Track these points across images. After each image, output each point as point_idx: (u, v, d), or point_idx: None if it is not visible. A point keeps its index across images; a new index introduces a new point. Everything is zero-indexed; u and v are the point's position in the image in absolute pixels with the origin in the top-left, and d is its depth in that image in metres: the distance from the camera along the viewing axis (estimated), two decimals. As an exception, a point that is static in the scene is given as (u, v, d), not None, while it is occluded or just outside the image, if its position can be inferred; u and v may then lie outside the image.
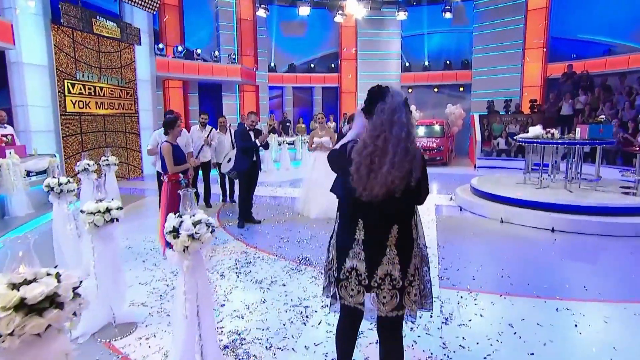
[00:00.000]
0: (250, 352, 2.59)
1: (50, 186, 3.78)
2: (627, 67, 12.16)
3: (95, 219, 2.68)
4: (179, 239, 2.01)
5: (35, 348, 1.25)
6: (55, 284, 1.28)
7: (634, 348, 2.59)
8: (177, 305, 2.16)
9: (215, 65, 13.39)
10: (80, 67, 9.02)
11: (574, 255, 4.48)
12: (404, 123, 1.69)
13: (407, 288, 1.78)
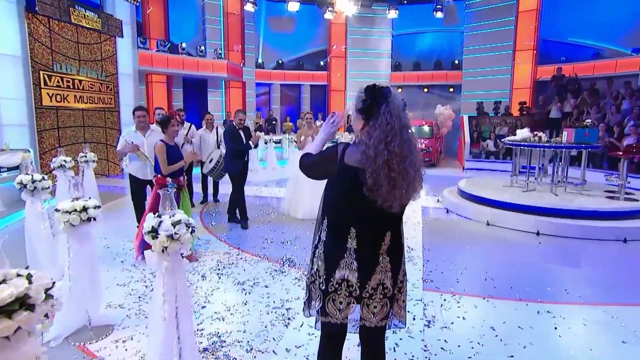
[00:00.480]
0: (231, 355, 2.61)
1: (23, 183, 3.71)
2: (614, 71, 12.51)
3: (71, 218, 2.66)
4: (158, 239, 2.02)
5: (4, 351, 1.25)
6: (25, 285, 1.28)
7: (610, 349, 2.69)
8: (156, 307, 2.17)
9: (200, 60, 13.31)
10: (58, 59, 8.85)
11: (557, 259, 4.61)
12: (410, 125, 1.68)
13: (396, 295, 1.78)
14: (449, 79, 17.29)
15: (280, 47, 17.71)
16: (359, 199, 1.62)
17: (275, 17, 17.29)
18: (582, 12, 13.80)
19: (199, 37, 14.85)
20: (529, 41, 14.61)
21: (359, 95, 1.70)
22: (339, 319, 1.73)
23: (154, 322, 2.22)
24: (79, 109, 9.53)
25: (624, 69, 12.33)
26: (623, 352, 2.66)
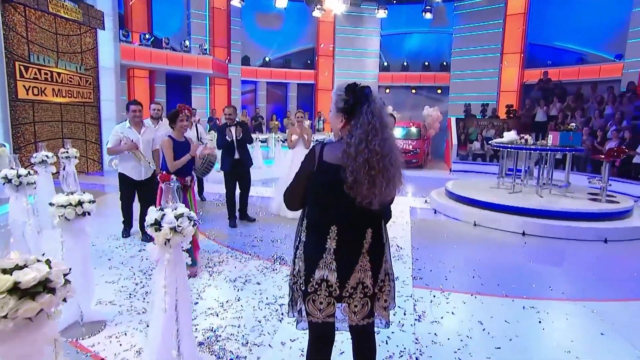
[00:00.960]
0: (227, 349, 2.71)
1: (8, 177, 3.74)
2: (598, 76, 13.06)
3: (66, 212, 2.72)
4: (161, 231, 2.12)
5: (27, 332, 1.34)
6: (47, 269, 1.38)
7: (589, 341, 2.91)
8: (156, 299, 2.27)
9: (185, 55, 13.29)
10: (34, 49, 8.73)
11: (541, 258, 4.85)
12: (390, 124, 1.78)
13: (377, 294, 1.80)
14: (437, 80, 17.68)
15: (267, 44, 17.81)
16: (339, 197, 1.66)
17: (262, 13, 17.38)
18: (568, 17, 14.35)
19: (183, 32, 14.83)
20: (516, 44, 15.10)
21: (339, 94, 1.74)
22: (320, 319, 1.76)
23: (154, 314, 2.31)
24: (57, 103, 9.42)
25: (607, 74, 12.89)
26: (602, 343, 2.88)
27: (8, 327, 1.28)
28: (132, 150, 4.56)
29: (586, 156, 9.79)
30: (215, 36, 15.09)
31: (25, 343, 1.35)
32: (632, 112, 9.89)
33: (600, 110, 10.86)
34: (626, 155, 7.38)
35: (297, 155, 6.21)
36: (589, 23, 13.79)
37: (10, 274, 1.31)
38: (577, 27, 14.15)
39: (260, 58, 17.80)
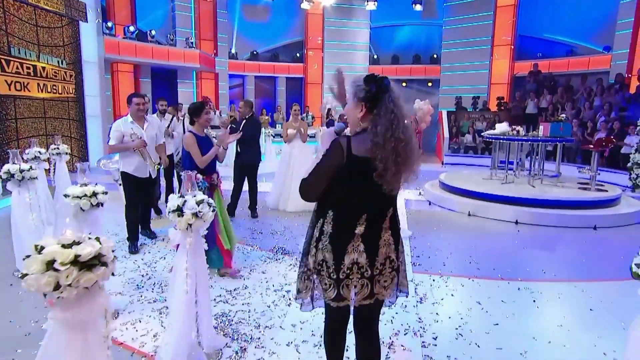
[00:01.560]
0: (240, 331, 2.93)
1: (11, 173, 3.88)
2: (587, 68, 13.55)
3: (81, 203, 2.90)
4: (184, 217, 2.33)
5: (85, 300, 1.55)
6: (99, 245, 1.59)
7: (580, 317, 3.22)
8: (177, 283, 2.46)
9: (171, 49, 13.35)
10: (15, 42, 8.69)
11: (534, 244, 5.18)
12: (407, 113, 1.88)
13: (400, 266, 1.96)
14: (428, 73, 18.03)
15: (255, 38, 17.92)
16: (368, 186, 1.79)
17: (249, 6, 17.48)
18: (558, 9, 14.81)
19: (168, 25, 14.85)
20: (506, 36, 15.52)
21: (358, 85, 1.83)
22: (356, 302, 1.89)
23: (174, 298, 2.51)
24: (39, 98, 9.42)
25: (596, 66, 13.39)
26: (590, 317, 3.19)
27: (72, 294, 1.49)
28: (140, 148, 4.32)
29: (576, 147, 10.23)
30: (201, 29, 15.16)
31: (83, 310, 1.56)
32: (620, 104, 10.35)
33: (589, 102, 11.31)
34: (614, 145, 7.79)
35: (295, 150, 6.45)
36: (578, 15, 14.28)
37: (70, 249, 1.52)
38: (566, 18, 14.63)
39: (248, 51, 17.90)
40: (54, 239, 1.55)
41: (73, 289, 1.48)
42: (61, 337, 1.55)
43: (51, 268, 1.46)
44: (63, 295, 1.48)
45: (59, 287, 1.47)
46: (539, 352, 2.73)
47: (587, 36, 14.25)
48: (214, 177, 3.76)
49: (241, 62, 17.54)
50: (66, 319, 1.53)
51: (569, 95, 12.42)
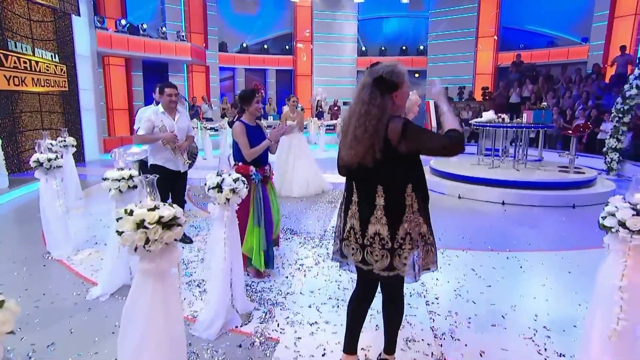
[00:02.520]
0: (264, 298, 3.31)
1: (40, 162, 4.15)
2: (567, 58, 14.17)
3: (120, 185, 3.22)
4: (222, 193, 2.68)
5: (167, 254, 1.91)
6: (174, 210, 1.93)
7: (559, 278, 3.69)
8: (216, 252, 2.81)
9: (162, 42, 13.45)
10: (10, 36, 8.76)
11: (520, 222, 5.67)
12: (364, 101, 1.99)
13: (397, 250, 2.02)
14: (415, 64, 18.46)
15: (245, 30, 18.05)
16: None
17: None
18: (539, 2, 15.37)
19: (158, 18, 14.91)
20: (490, 28, 16.04)
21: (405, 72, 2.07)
22: (354, 261, 2.13)
23: (213, 267, 2.86)
24: (35, 92, 9.51)
25: (575, 56, 14.02)
26: (568, 278, 3.67)
27: (158, 248, 1.84)
28: (171, 143, 4.11)
29: (557, 134, 10.82)
30: (191, 22, 15.26)
31: (163, 262, 1.91)
32: (596, 93, 10.95)
33: (569, 91, 11.90)
34: (590, 130, 8.34)
35: (295, 140, 6.83)
36: (558, 7, 14.86)
37: (154, 212, 1.86)
38: (547, 11, 15.20)
39: (238, 44, 18.04)
40: (137, 206, 1.90)
41: (159, 243, 1.84)
42: (147, 285, 1.91)
43: (142, 227, 1.81)
44: (151, 249, 1.83)
45: (148, 242, 1.82)
46: (526, 306, 3.18)
47: (567, 28, 14.87)
48: (266, 169, 3.58)
49: (231, 55, 17.68)
50: (152, 269, 1.89)
51: (550, 85, 13.01)
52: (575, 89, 11.78)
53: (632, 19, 12.01)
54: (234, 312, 2.98)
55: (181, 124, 4.27)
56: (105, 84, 13.00)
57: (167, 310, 1.95)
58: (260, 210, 3.49)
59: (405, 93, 2.09)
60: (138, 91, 14.01)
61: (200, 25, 15.74)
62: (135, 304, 1.92)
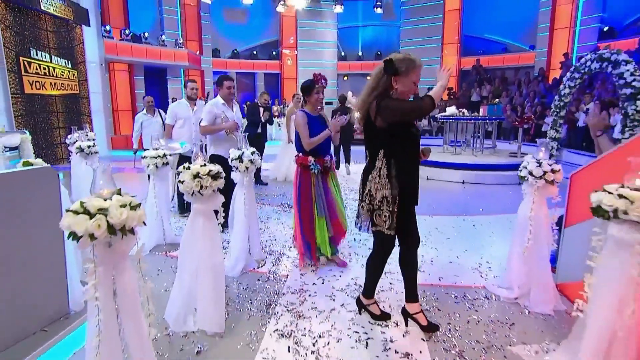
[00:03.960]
0: (273, 249, 3.87)
1: (81, 148, 4.61)
2: (518, 63, 15.07)
3: (157, 162, 3.72)
4: (243, 163, 3.22)
5: (212, 198, 2.44)
6: (217, 167, 2.47)
7: (503, 230, 4.36)
8: (237, 209, 3.35)
9: (162, 49, 13.73)
10: (32, 46, 9.03)
11: (476, 195, 6.36)
12: (372, 76, 2.28)
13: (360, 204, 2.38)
14: (388, 68, 19.11)
15: (235, 37, 18.39)
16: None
17: (229, 9, 17.90)
18: (494, 13, 16.23)
19: (157, 27, 15.14)
20: (453, 36, 16.84)
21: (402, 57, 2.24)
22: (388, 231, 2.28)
23: (237, 220, 3.38)
24: (52, 95, 9.78)
25: (524, 61, 14.93)
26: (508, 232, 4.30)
27: (208, 193, 2.38)
28: (233, 132, 3.97)
29: (510, 128, 11.64)
30: (187, 30, 15.53)
31: (210, 204, 2.45)
32: (541, 92, 11.82)
33: (520, 91, 12.77)
34: (532, 121, 9.13)
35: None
36: (510, 18, 15.74)
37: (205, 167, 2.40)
38: (501, 21, 16.08)
39: (229, 50, 18.37)
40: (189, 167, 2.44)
41: (209, 189, 2.38)
42: (198, 221, 2.44)
43: (197, 177, 2.35)
44: (203, 193, 2.37)
45: (201, 188, 2.36)
46: (475, 250, 3.84)
47: (517, 36, 15.77)
48: (326, 159, 3.28)
49: (223, 60, 18.02)
50: (203, 209, 2.43)
51: (504, 86, 13.87)
52: (524, 89, 12.64)
53: (568, 31, 13.00)
54: (251, 258, 3.53)
55: (238, 114, 4.21)
56: (110, 87, 13.23)
57: (212, 241, 2.49)
58: (322, 202, 3.28)
59: (407, 82, 2.20)
60: (140, 94, 14.23)
61: (196, 33, 16.04)
62: (191, 235, 2.46)
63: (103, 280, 1.50)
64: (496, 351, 2.31)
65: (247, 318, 2.66)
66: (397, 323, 2.59)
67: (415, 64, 2.21)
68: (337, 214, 3.37)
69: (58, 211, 2.27)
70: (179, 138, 4.66)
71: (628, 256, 1.79)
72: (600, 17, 12.78)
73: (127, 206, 1.48)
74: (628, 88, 6.12)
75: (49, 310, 2.27)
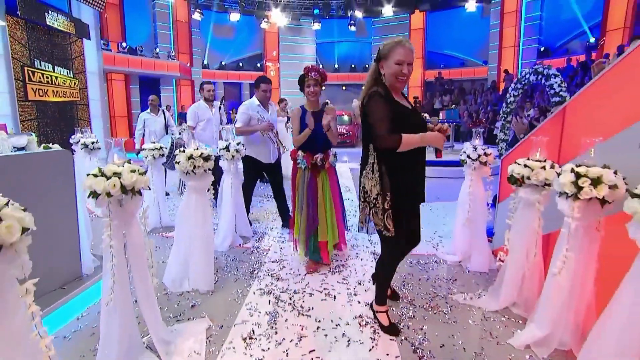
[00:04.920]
0: (257, 229, 4.07)
1: (85, 144, 4.70)
2: (474, 75, 15.75)
3: (154, 154, 3.89)
4: (230, 152, 3.43)
5: (203, 177, 2.65)
6: (208, 150, 2.68)
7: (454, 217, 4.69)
8: (225, 192, 3.55)
9: (156, 61, 13.71)
10: (37, 57, 8.98)
11: (436, 188, 6.69)
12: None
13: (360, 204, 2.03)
14: (362, 79, 19.55)
15: (223, 51, 18.47)
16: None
17: (218, 25, 17.98)
18: (453, 32, 16.90)
19: (152, 41, 15.10)
20: (418, 51, 17.41)
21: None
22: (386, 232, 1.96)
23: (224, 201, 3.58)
24: (54, 102, 9.70)
25: (479, 74, 15.64)
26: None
27: (200, 172, 2.59)
28: (267, 131, 3.70)
29: (467, 131, 12.17)
30: (179, 44, 15.54)
31: (202, 182, 2.65)
32: (493, 100, 12.42)
33: (475, 100, 13.37)
34: (484, 125, 9.64)
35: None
36: (467, 37, 16.45)
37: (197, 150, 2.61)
38: (460, 39, 16.76)
39: (218, 62, 18.42)
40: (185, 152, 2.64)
41: (201, 169, 2.59)
42: (192, 196, 2.64)
43: (191, 158, 2.56)
44: (196, 172, 2.58)
45: (195, 168, 2.57)
46: (430, 227, 4.17)
47: (473, 53, 16.48)
48: (316, 157, 2.83)
49: (212, 71, 18.05)
50: (196, 186, 2.63)
51: (462, 95, 14.48)
52: (479, 98, 13.24)
53: (513, 49, 13.80)
54: (237, 235, 3.73)
55: (274, 115, 3.95)
56: (108, 95, 13.13)
57: (204, 213, 2.68)
58: (302, 198, 2.89)
59: (390, 63, 1.88)
60: (135, 101, 14.18)
61: (187, 46, 16.05)
62: (186, 209, 2.66)
63: (115, 233, 1.70)
64: (440, 299, 2.60)
65: (234, 281, 2.87)
66: (361, 282, 2.85)
67: (395, 44, 1.87)
68: (317, 218, 2.86)
69: (72, 189, 2.44)
70: (202, 140, 4.39)
71: (531, 212, 2.11)
72: (538, 39, 13.72)
73: (136, 171, 1.69)
74: (556, 97, 6.64)
75: (64, 273, 2.43)
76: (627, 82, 1.74)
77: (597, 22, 11.86)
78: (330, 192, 2.96)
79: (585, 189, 1.68)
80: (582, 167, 1.72)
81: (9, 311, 1.10)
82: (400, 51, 1.87)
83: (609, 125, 1.83)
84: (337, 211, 3.01)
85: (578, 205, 1.72)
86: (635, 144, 1.67)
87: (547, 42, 13.92)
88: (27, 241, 1.16)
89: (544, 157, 2.16)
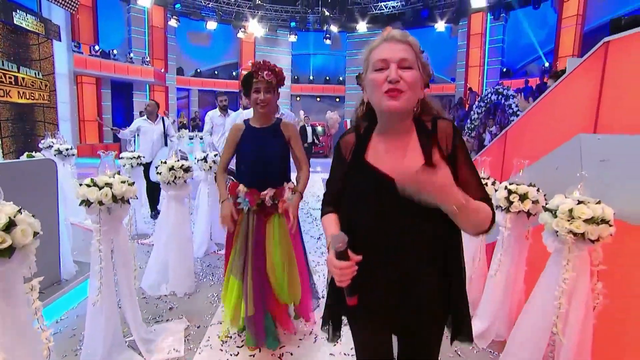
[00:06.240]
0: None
1: (60, 150, 4.69)
2: (442, 91, 16.61)
3: (132, 162, 3.98)
4: (207, 163, 3.60)
5: (183, 187, 2.82)
6: (189, 162, 2.86)
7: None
8: (201, 203, 3.71)
9: (130, 65, 13.54)
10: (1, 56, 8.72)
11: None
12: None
13: None
14: (336, 91, 20.14)
15: (199, 58, 18.42)
16: None
17: (194, 32, 17.95)
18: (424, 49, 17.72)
19: (125, 46, 14.88)
20: (390, 67, 18.15)
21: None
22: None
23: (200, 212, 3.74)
24: (19, 103, 9.40)
25: (447, 91, 16.51)
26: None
27: (180, 182, 2.75)
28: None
29: (434, 144, 12.83)
30: (154, 49, 15.40)
31: (182, 192, 2.82)
32: (460, 116, 13.18)
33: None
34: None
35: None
36: (436, 55, 17.31)
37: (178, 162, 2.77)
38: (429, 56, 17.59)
39: (193, 69, 18.34)
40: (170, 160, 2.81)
41: (182, 179, 2.76)
42: (172, 205, 2.81)
43: (172, 169, 2.73)
44: (176, 182, 2.75)
45: (175, 178, 2.74)
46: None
47: (442, 70, 17.37)
48: (264, 194, 1.93)
49: (187, 78, 17.95)
50: (175, 195, 2.80)
51: (431, 110, 15.22)
52: (447, 114, 13.98)
53: (478, 69, 14.78)
54: (213, 243, 3.88)
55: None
56: (77, 98, 12.80)
57: (182, 219, 2.86)
58: (242, 254, 1.97)
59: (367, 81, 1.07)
60: (106, 106, 13.89)
61: (161, 52, 15.93)
62: (165, 217, 2.82)
63: (104, 238, 1.86)
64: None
65: (210, 285, 3.04)
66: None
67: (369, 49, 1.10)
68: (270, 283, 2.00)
69: (55, 196, 2.54)
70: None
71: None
72: (500, 60, 14.77)
73: (126, 182, 1.87)
74: (514, 116, 7.27)
75: (44, 277, 2.51)
76: (547, 117, 2.11)
77: (551, 49, 12.97)
78: (288, 248, 2.01)
79: (515, 203, 2.02)
80: (514, 184, 2.07)
81: (16, 305, 1.25)
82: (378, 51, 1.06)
83: (535, 150, 2.19)
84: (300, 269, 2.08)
85: (509, 217, 2.05)
86: (553, 166, 2.02)
87: (509, 64, 14.98)
88: (36, 244, 1.30)
89: (487, 174, 2.50)
